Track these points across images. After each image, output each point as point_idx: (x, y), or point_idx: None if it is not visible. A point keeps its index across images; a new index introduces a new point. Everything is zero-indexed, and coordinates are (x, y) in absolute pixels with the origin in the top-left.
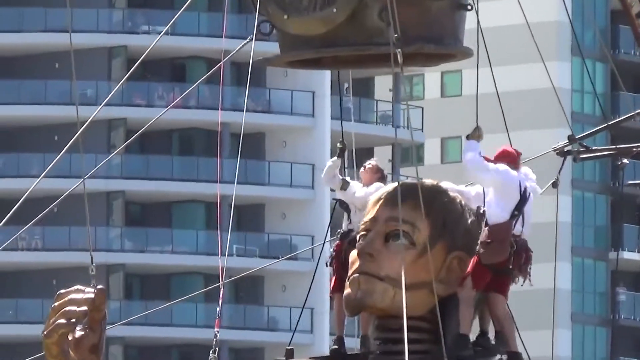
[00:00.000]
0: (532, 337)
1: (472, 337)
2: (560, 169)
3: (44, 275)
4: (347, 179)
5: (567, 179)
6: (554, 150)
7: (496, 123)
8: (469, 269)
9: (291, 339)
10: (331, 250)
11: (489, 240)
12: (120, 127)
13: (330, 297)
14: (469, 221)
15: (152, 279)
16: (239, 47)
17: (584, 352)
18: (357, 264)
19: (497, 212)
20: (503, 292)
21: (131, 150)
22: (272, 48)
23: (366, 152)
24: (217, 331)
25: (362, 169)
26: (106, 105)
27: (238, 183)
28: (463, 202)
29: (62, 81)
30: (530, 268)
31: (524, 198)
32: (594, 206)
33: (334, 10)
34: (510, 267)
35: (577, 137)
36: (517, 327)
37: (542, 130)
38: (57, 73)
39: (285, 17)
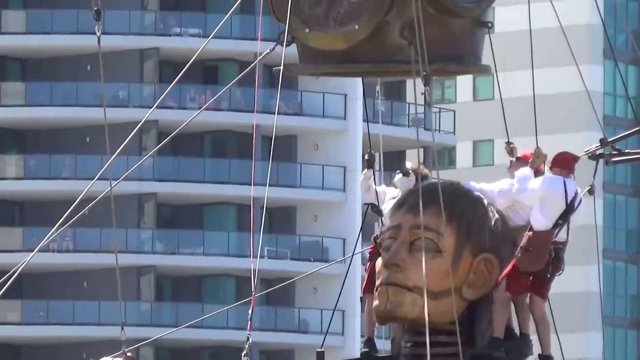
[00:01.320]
0: (563, 340)
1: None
2: (595, 173)
3: (75, 277)
4: (381, 189)
5: (599, 182)
6: (586, 154)
7: (527, 126)
8: (505, 271)
9: (323, 341)
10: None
11: (529, 248)
12: (152, 129)
13: (361, 297)
14: (493, 221)
15: (183, 281)
16: (266, 52)
17: (615, 354)
18: (384, 274)
19: (540, 219)
20: (541, 294)
21: (163, 152)
22: None
23: (397, 155)
24: (249, 334)
25: (396, 177)
26: (138, 107)
27: (270, 185)
28: (486, 202)
29: (94, 83)
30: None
31: (570, 207)
32: (625, 209)
33: (356, 27)
34: (549, 275)
35: (609, 140)
36: (556, 330)
37: (574, 134)
38: (89, 75)
39: (307, 30)
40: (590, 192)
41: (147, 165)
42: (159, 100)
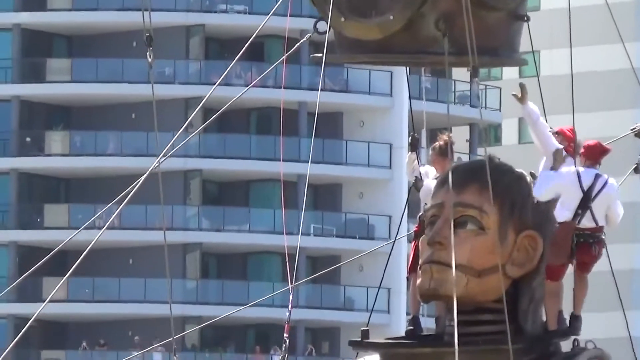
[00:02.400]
0: (606, 318)
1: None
2: None
3: (121, 254)
4: (422, 170)
5: None
6: (632, 132)
7: (576, 103)
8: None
9: (369, 319)
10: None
11: (553, 240)
12: (198, 105)
13: (407, 277)
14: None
15: (228, 258)
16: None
17: None
18: (427, 253)
19: (560, 210)
20: (583, 270)
21: (209, 129)
22: None
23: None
24: (287, 336)
25: (430, 152)
26: (184, 83)
27: (316, 162)
28: (529, 179)
29: (140, 59)
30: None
31: (588, 195)
32: None
33: (391, 17)
34: (574, 260)
35: None
36: (624, 307)
37: (620, 111)
38: (135, 51)
39: (343, 19)
40: (637, 170)
41: (192, 142)
42: (220, 78)
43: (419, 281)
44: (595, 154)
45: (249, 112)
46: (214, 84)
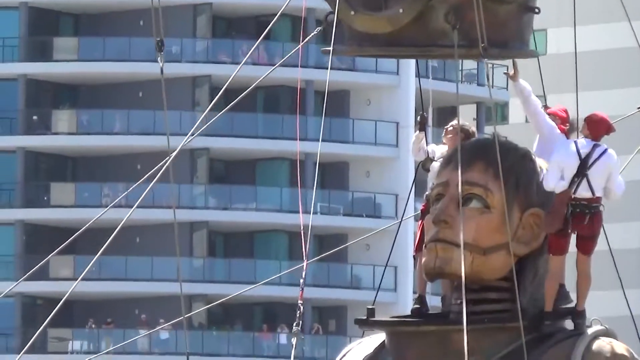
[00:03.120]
0: (617, 296)
1: None
2: None
3: (128, 232)
4: (430, 149)
5: None
6: (639, 110)
7: (580, 82)
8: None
9: (375, 297)
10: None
11: (549, 210)
12: (205, 84)
13: (414, 256)
14: (541, 176)
15: (235, 237)
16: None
17: None
18: (432, 231)
19: (556, 179)
20: (583, 251)
21: (216, 107)
22: None
23: (450, 111)
24: (301, 302)
25: (444, 132)
26: (191, 62)
27: (322, 141)
28: (534, 157)
29: (147, 38)
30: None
31: (585, 162)
32: None
33: (401, 10)
34: (569, 230)
35: None
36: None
37: (628, 89)
38: (142, 30)
39: (352, 12)
40: None
41: (199, 120)
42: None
43: (424, 260)
44: (598, 130)
45: (256, 90)
46: (221, 62)
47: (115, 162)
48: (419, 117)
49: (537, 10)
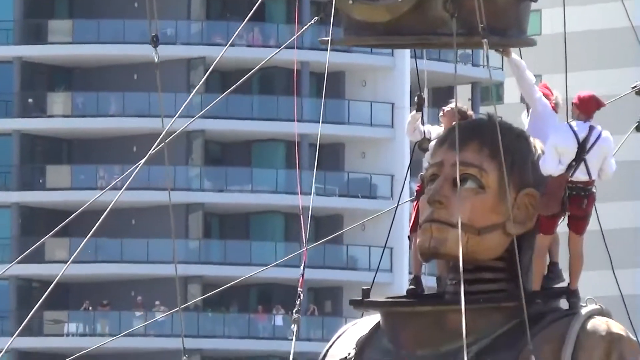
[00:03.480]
0: (610, 276)
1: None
2: None
3: (123, 215)
4: (426, 129)
5: None
6: (633, 90)
7: (573, 62)
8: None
9: (373, 279)
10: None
11: (545, 192)
12: (200, 66)
13: (409, 236)
14: (536, 156)
15: (231, 219)
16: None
17: None
18: (427, 212)
19: (554, 163)
20: (575, 231)
21: (211, 89)
22: None
23: (446, 91)
24: (301, 290)
25: (441, 113)
26: (186, 44)
27: (318, 122)
28: (529, 136)
29: (141, 20)
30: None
31: (583, 147)
32: None
33: None
34: (568, 213)
35: None
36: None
37: (621, 69)
38: (136, 12)
39: (350, 1)
40: (638, 128)
41: (195, 102)
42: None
43: (418, 240)
44: (589, 108)
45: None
46: (216, 44)
47: (110, 145)
48: (416, 98)
49: None
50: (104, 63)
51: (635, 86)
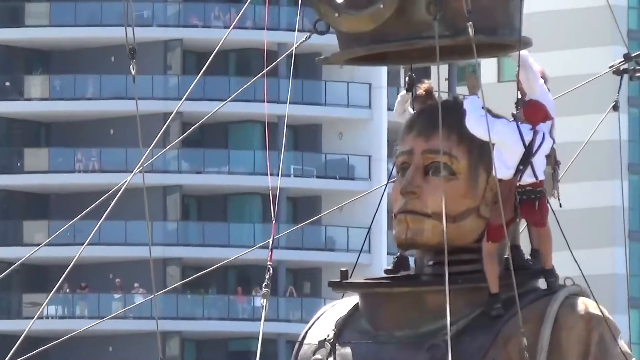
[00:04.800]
0: (588, 255)
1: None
2: (619, 88)
3: (101, 197)
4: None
5: (624, 97)
6: (610, 69)
7: (550, 41)
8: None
9: (356, 262)
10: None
11: (495, 201)
12: (177, 47)
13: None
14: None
15: (209, 200)
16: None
17: None
18: (401, 202)
19: (501, 168)
20: (539, 226)
21: (188, 71)
22: None
23: (423, 70)
24: (270, 264)
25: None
26: (162, 26)
27: (294, 103)
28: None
29: (118, 2)
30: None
31: (529, 150)
32: None
33: (381, 6)
34: (518, 219)
35: (633, 55)
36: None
37: (598, 48)
38: None
39: (336, 15)
40: (615, 107)
41: (172, 84)
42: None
43: (394, 231)
44: (537, 119)
45: (228, 53)
46: (193, 26)
47: (88, 127)
48: (407, 78)
49: None
50: (81, 46)
51: (612, 65)
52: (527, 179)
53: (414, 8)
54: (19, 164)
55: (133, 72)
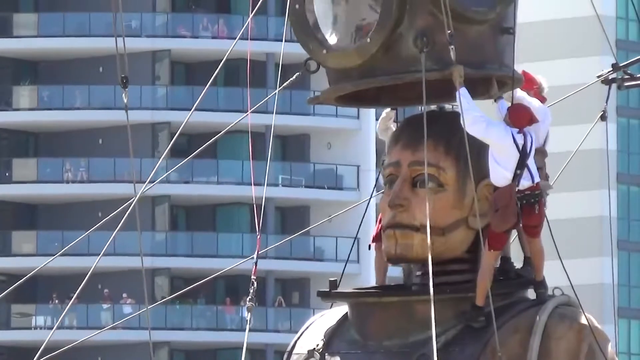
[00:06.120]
0: (577, 264)
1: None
2: (607, 98)
3: (90, 207)
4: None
5: (612, 107)
6: (599, 79)
7: (539, 51)
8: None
9: (343, 270)
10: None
11: (496, 209)
12: (165, 58)
13: (370, 246)
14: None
15: (197, 210)
16: (291, 79)
17: (630, 278)
18: (389, 216)
19: (500, 173)
20: (532, 236)
21: (176, 81)
22: None
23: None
24: (254, 278)
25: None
26: (151, 36)
27: (283, 113)
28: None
29: (106, 13)
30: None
31: (524, 153)
32: (639, 133)
33: (368, 40)
34: (520, 225)
35: (621, 65)
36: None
37: (586, 58)
38: (102, 4)
39: (324, 51)
40: (603, 117)
41: (160, 94)
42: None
43: (384, 246)
44: (521, 123)
45: (216, 64)
46: (181, 36)
47: (76, 138)
48: None
49: (511, 30)
50: (70, 56)
51: (601, 75)
52: (524, 182)
53: (401, 43)
54: (7, 174)
55: (125, 100)
